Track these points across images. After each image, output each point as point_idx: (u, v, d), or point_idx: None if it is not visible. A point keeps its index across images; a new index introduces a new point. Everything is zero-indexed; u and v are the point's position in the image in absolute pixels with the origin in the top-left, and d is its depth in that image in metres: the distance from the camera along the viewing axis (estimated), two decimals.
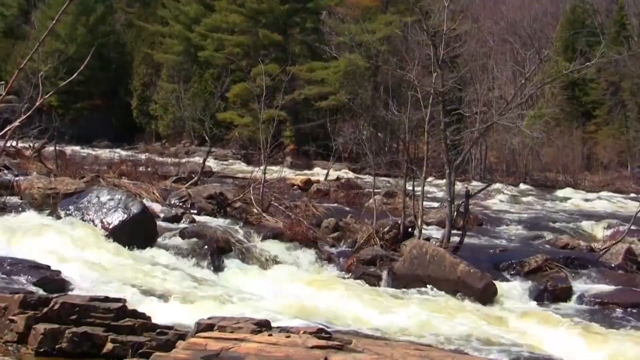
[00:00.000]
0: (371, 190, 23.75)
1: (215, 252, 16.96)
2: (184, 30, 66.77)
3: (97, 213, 17.44)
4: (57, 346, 8.64)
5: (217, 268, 16.49)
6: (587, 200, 39.04)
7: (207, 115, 31.28)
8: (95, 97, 72.50)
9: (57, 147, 28.48)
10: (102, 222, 17.16)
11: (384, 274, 16.57)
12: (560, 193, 43.45)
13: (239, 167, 48.30)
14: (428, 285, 15.78)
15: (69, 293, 11.14)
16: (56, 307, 8.96)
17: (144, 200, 19.65)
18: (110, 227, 16.98)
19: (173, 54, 67.82)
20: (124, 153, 43.14)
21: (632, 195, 42.01)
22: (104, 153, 45.68)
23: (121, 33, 78.89)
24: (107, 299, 9.39)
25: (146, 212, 17.87)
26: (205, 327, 8.53)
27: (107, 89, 73.93)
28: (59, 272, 12.88)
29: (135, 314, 9.27)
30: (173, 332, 8.96)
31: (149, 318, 9.35)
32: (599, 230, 24.87)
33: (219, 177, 33.17)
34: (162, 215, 19.86)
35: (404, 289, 15.86)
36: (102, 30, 74.24)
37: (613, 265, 18.28)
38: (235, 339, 8.02)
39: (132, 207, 17.44)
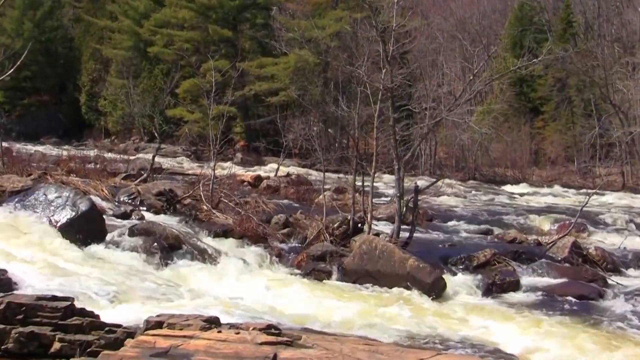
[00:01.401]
0: (321, 186, 23.77)
1: (165, 249, 16.88)
2: (133, 26, 66.11)
3: (44, 211, 17.27)
4: (2, 347, 8.50)
5: (167, 265, 16.41)
6: (534, 195, 39.48)
7: (156, 112, 31.18)
8: (43, 93, 71.68)
9: (3, 144, 28.11)
10: (49, 219, 17.00)
11: (334, 270, 16.62)
12: (508, 188, 43.89)
13: (189, 163, 48.02)
14: (378, 280, 15.84)
15: (15, 292, 10.99)
16: (1, 307, 8.82)
17: (93, 198, 19.47)
18: (59, 224, 16.82)
19: (122, 50, 67.18)
20: (72, 150, 42.63)
21: (579, 189, 42.49)
22: (52, 150, 45.14)
23: (69, 28, 77.87)
24: (54, 298, 9.27)
25: (95, 210, 17.74)
26: (154, 324, 8.48)
27: (54, 85, 73.13)
28: (5, 271, 12.69)
29: (83, 312, 9.16)
30: (122, 331, 8.87)
31: (97, 316, 9.25)
32: (546, 225, 25.20)
33: (168, 173, 32.99)
34: (111, 212, 19.74)
35: (353, 284, 15.90)
36: (49, 25, 73.28)
37: (559, 258, 18.52)
38: (184, 336, 7.99)
39: (80, 205, 17.30)
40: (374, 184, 20.40)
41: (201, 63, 46.34)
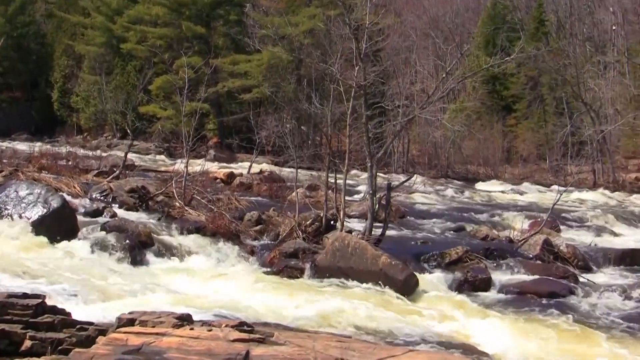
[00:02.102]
0: (294, 183, 23.78)
1: (137, 246, 16.86)
2: (106, 22, 65.75)
3: (15, 207, 17.19)
4: None
5: (139, 262, 16.40)
6: (507, 192, 39.67)
7: (129, 108, 31.09)
8: (15, 89, 71.30)
9: None
10: (21, 216, 16.94)
11: (307, 267, 16.61)
12: (481, 185, 44.11)
13: (162, 160, 47.86)
14: (350, 278, 15.86)
15: None
16: None
17: (65, 195, 19.40)
18: (30, 221, 16.76)
19: (95, 46, 66.78)
20: (44, 146, 42.35)
21: (550, 187, 42.74)
22: (24, 146, 44.81)
23: (41, 24, 77.32)
24: (25, 296, 9.21)
25: (66, 207, 17.69)
26: (126, 322, 8.44)
27: (26, 81, 72.69)
28: None
29: (54, 310, 9.12)
30: (93, 328, 8.83)
31: (68, 314, 9.21)
32: (518, 222, 25.30)
33: (141, 170, 32.89)
34: (83, 209, 19.68)
35: (326, 281, 15.92)
36: (21, 21, 72.79)
37: (531, 255, 18.66)
38: (157, 334, 7.98)
39: (52, 202, 17.24)
40: (347, 181, 20.43)
41: (174, 60, 46.11)
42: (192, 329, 8.23)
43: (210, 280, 15.34)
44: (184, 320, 8.54)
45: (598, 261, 19.15)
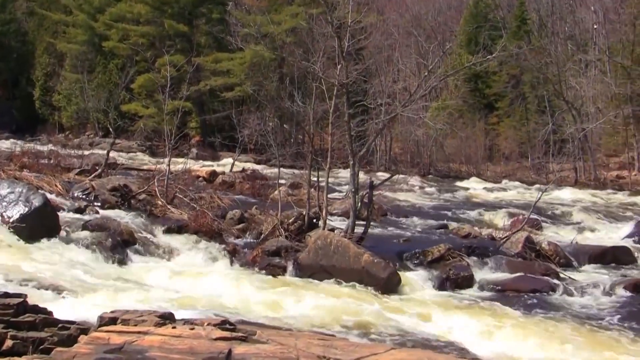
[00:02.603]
0: (276, 181, 23.78)
1: (119, 244, 16.84)
2: (87, 20, 65.54)
3: None
4: None
5: (121, 261, 16.36)
6: (489, 190, 39.75)
7: (111, 107, 30.97)
8: None
9: None
10: (2, 215, 16.85)
11: (289, 265, 16.62)
12: (463, 183, 44.17)
13: (144, 158, 47.73)
14: (332, 276, 15.89)
15: None
16: None
17: (46, 193, 19.32)
18: (11, 220, 16.68)
19: (77, 44, 66.56)
20: (25, 145, 42.14)
21: (532, 185, 42.89)
22: (5, 145, 44.64)
23: (22, 21, 77.02)
24: (6, 295, 9.19)
25: (48, 205, 17.61)
26: (108, 321, 8.43)
27: (7, 79, 72.45)
28: None
29: (36, 309, 9.09)
30: (75, 327, 8.80)
31: (50, 313, 9.19)
32: (500, 220, 25.43)
33: (123, 169, 32.73)
34: (65, 208, 19.60)
35: (308, 280, 15.95)
36: (2, 19, 72.54)
37: (513, 253, 18.72)
38: (139, 332, 7.98)
39: (33, 200, 17.16)
40: (329, 180, 20.45)
41: (156, 58, 46.01)
42: (174, 327, 8.23)
43: (193, 279, 15.33)
44: (166, 319, 8.55)
45: (579, 258, 19.24)
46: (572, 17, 67.22)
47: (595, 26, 63.95)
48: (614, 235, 24.51)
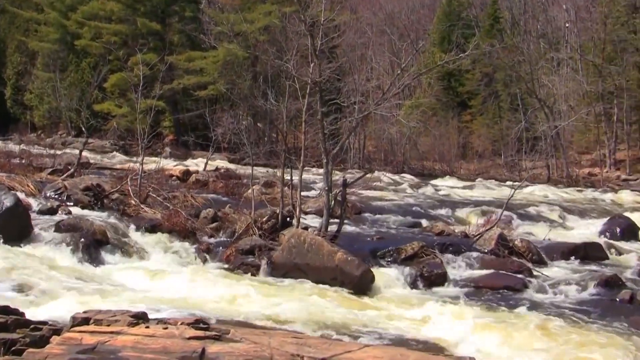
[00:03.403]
0: (250, 180, 23.75)
1: (92, 244, 16.75)
2: (59, 18, 65.17)
3: None
4: None
5: (94, 261, 16.28)
6: (462, 188, 39.89)
7: (83, 106, 30.80)
8: None
9: None
10: None
11: (263, 264, 16.59)
12: (437, 181, 44.28)
13: (117, 158, 47.49)
14: (306, 274, 15.87)
15: None
16: None
17: (18, 193, 19.17)
18: None
19: (49, 42, 66.22)
20: None
21: (505, 182, 43.13)
22: None
23: None
24: None
25: (20, 205, 17.47)
26: (80, 321, 8.37)
27: None
28: None
29: (7, 310, 9.01)
30: (47, 328, 8.74)
31: (22, 314, 9.12)
32: (473, 217, 25.51)
33: (96, 168, 32.56)
34: (37, 208, 19.47)
35: (282, 278, 15.93)
36: None
37: (486, 250, 18.76)
38: (112, 332, 7.94)
39: (4, 200, 17.04)
40: (303, 178, 20.45)
41: (129, 56, 45.89)
42: (147, 327, 8.20)
43: (166, 278, 15.29)
44: (140, 318, 8.51)
45: (552, 255, 19.33)
46: (545, 16, 67.70)
47: (567, 24, 64.44)
48: (586, 231, 24.67)
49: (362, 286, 15.33)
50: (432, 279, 16.54)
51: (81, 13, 62.53)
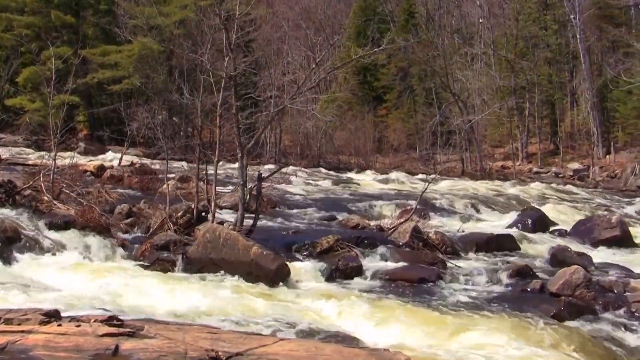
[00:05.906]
0: (165, 175, 23.61)
1: (3, 242, 16.42)
2: None
3: None
4: None
5: (5, 259, 15.96)
6: (378, 181, 40.25)
7: None
8: None
9: None
10: None
11: (178, 259, 16.52)
12: (353, 175, 44.60)
13: (30, 153, 46.66)
14: (222, 269, 15.85)
15: None
16: None
17: None
18: None
19: None
20: None
21: (420, 176, 43.62)
22: None
23: None
24: None
25: None
26: None
27: None
28: None
29: None
30: None
31: None
32: (389, 211, 25.77)
33: (7, 164, 32.06)
34: None
35: (198, 273, 15.84)
36: None
37: (401, 243, 18.98)
38: (22, 331, 7.85)
39: None
40: (219, 173, 20.41)
41: (42, 50, 45.05)
42: (59, 325, 8.13)
43: (80, 275, 15.09)
44: (52, 316, 8.43)
45: (466, 247, 19.67)
46: (459, 11, 68.70)
47: (480, 20, 65.57)
48: (499, 223, 25.17)
49: (278, 280, 15.36)
50: (348, 272, 16.65)
51: None
